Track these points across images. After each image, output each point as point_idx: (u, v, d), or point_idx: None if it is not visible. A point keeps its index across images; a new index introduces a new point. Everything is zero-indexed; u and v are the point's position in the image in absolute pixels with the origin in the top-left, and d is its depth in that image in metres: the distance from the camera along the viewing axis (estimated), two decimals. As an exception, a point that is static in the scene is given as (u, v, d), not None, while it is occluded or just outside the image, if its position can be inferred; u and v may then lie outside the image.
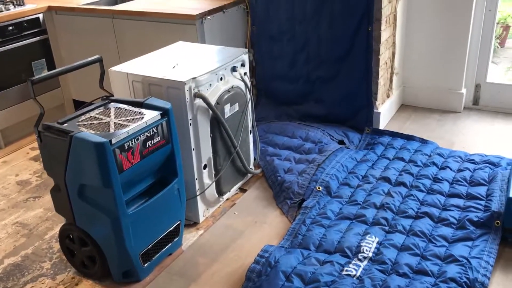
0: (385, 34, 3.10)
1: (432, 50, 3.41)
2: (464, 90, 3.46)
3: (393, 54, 3.34)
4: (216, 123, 2.38)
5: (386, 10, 3.03)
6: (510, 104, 3.40)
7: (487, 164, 2.69)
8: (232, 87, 2.47)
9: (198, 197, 2.41)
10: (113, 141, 1.79)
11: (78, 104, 3.69)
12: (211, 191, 2.51)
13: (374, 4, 2.91)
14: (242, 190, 2.73)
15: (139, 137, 1.89)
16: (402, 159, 2.82)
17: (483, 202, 2.36)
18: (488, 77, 3.44)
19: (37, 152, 3.33)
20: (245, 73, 2.56)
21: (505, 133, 3.15)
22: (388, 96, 3.41)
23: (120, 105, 2.08)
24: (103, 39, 3.43)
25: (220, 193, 2.57)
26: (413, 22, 3.39)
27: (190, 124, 2.23)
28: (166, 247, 2.18)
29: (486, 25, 3.28)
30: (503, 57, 5.26)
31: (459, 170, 2.67)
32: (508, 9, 6.18)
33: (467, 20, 3.22)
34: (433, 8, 3.29)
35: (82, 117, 1.99)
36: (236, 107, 2.51)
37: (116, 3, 3.72)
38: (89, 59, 2.12)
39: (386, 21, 3.07)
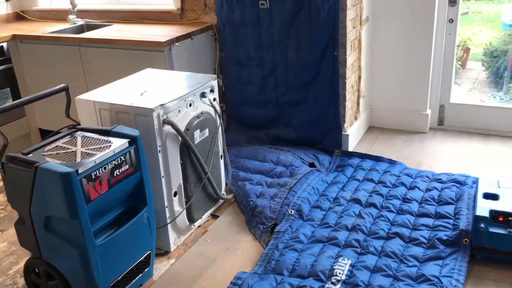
0: (350, 58, 3.17)
1: (396, 72, 3.50)
2: (429, 111, 3.55)
3: (359, 77, 3.41)
4: (186, 149, 2.36)
5: (351, 35, 3.11)
6: (473, 123, 3.51)
7: (454, 183, 2.75)
8: (202, 113, 2.47)
9: (169, 225, 2.37)
10: (80, 171, 1.75)
11: (45, 134, 3.62)
12: (182, 219, 2.47)
13: (339, 30, 2.98)
14: (214, 216, 2.70)
15: (106, 166, 1.85)
16: (372, 180, 2.86)
17: (451, 221, 2.40)
18: (452, 97, 3.55)
19: (1, 184, 3.23)
20: (214, 99, 2.56)
21: (470, 152, 3.24)
22: (355, 119, 3.47)
23: (87, 134, 2.05)
24: (69, 67, 3.39)
25: (192, 220, 2.54)
26: (377, 46, 3.49)
27: (159, 151, 2.21)
28: (137, 278, 2.13)
29: (447, 48, 3.40)
30: (465, 78, 5.45)
31: (427, 190, 2.72)
32: (467, 32, 6.45)
33: (428, 44, 3.33)
34: (396, 33, 3.39)
35: (48, 147, 1.94)
36: (206, 132, 2.51)
37: (83, 31, 3.70)
38: (55, 87, 2.09)
39: (351, 46, 3.15)
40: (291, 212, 2.56)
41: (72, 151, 1.89)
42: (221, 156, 2.72)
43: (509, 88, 4.57)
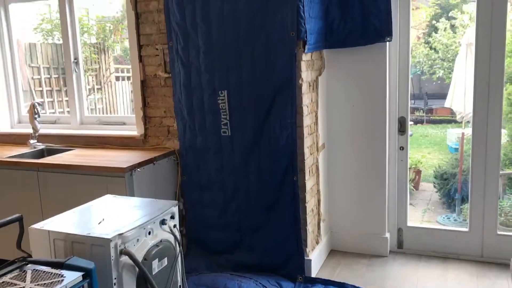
0: (309, 183, 3.26)
1: (354, 196, 3.60)
2: (387, 235, 3.60)
3: (319, 201, 3.48)
4: (143, 281, 2.25)
5: (309, 161, 3.24)
6: (430, 247, 3.56)
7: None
8: (161, 241, 2.40)
9: None
10: (27, 311, 1.62)
11: (-9, 262, 3.39)
12: None
13: (297, 156, 3.10)
14: None
15: (56, 303, 1.73)
16: (336, 309, 2.77)
17: None
18: (409, 220, 3.64)
19: None
20: (174, 226, 2.52)
21: (429, 276, 3.25)
22: (317, 242, 3.46)
23: (38, 267, 1.93)
24: (26, 193, 3.30)
25: None
26: (334, 171, 3.62)
27: (115, 284, 2.09)
28: None
29: (400, 173, 3.56)
30: (419, 199, 5.66)
31: (393, 318, 2.65)
32: (416, 155, 6.83)
33: (382, 169, 3.49)
34: (351, 158, 3.55)
35: (-7, 283, 1.81)
36: (165, 261, 2.42)
37: (43, 156, 3.68)
38: (8, 218, 2.02)
39: (309, 171, 3.25)
40: None
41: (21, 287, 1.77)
42: (180, 286, 2.60)
43: (461, 209, 4.75)
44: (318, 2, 3.17)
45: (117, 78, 7.93)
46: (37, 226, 2.23)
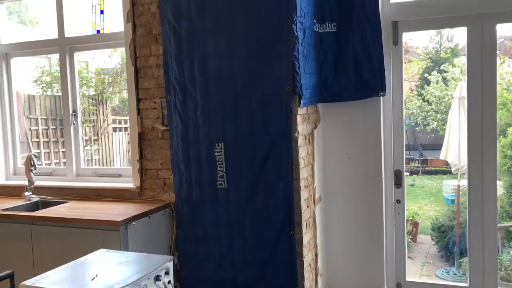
0: (306, 236, 3.22)
1: (351, 250, 3.55)
2: (387, 289, 3.53)
3: (316, 255, 3.43)
4: None
5: (306, 214, 3.22)
6: (431, 302, 3.49)
7: None
8: (155, 298, 2.34)
9: None
10: None
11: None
12: None
13: (294, 209, 3.08)
14: None
15: None
16: None
17: None
18: (407, 274, 3.57)
19: None
20: (169, 282, 2.46)
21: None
22: (315, 298, 3.38)
23: (27, 327, 1.87)
24: (18, 247, 3.23)
25: None
26: (331, 224, 3.59)
27: None
28: None
29: (398, 227, 3.53)
30: (417, 252, 5.58)
31: None
32: (413, 206, 6.81)
33: (380, 223, 3.46)
34: (348, 212, 3.53)
35: None
36: (159, 319, 2.35)
37: (37, 208, 3.64)
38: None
39: (306, 224, 3.23)
40: None
41: None
42: None
43: (460, 263, 4.69)
44: (312, 59, 3.26)
45: (114, 129, 8.00)
46: (28, 283, 2.17)
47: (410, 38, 13.11)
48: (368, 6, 3.25)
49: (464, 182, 4.89)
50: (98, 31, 3.95)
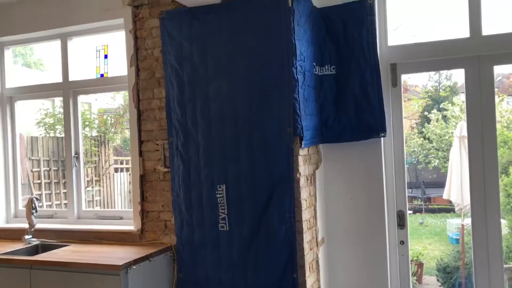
0: (310, 280, 3.17)
1: (356, 293, 3.49)
2: (393, 334, 3.43)
3: (320, 299, 3.36)
4: None
5: (308, 256, 3.17)
6: None
7: None
8: None
9: None
10: None
11: None
12: None
13: (296, 252, 3.04)
14: None
15: None
16: None
17: None
18: (413, 318, 3.49)
19: None
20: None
21: None
22: None
23: None
24: (16, 291, 3.19)
25: None
26: (334, 266, 3.53)
27: None
28: None
29: (402, 268, 3.48)
30: (423, 294, 5.46)
31: None
32: (417, 246, 6.72)
33: (383, 264, 3.40)
34: (351, 253, 3.48)
35: None
36: None
37: (37, 252, 3.60)
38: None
39: (309, 267, 3.18)
40: None
41: None
42: None
43: (467, 305, 4.58)
44: (313, 100, 3.30)
45: (116, 170, 8.01)
46: (26, 331, 2.13)
47: (409, 77, 13.30)
48: (366, 49, 3.31)
49: (468, 221, 4.84)
50: (102, 75, 4.03)
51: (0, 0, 3.99)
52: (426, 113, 12.05)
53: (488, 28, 3.24)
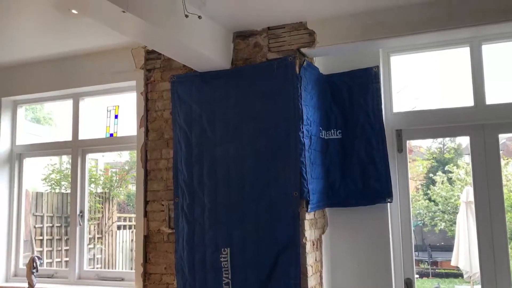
0: None
1: None
2: None
3: None
4: None
5: (314, 325, 3.07)
6: None
7: None
8: None
9: None
10: None
11: None
12: None
13: (302, 320, 2.95)
14: None
15: None
16: None
17: None
18: None
19: None
20: None
21: None
22: None
23: None
24: None
25: None
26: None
27: None
28: None
29: None
30: None
31: None
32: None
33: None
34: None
35: None
36: None
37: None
38: None
39: (315, 336, 3.07)
40: None
41: None
42: None
43: None
44: (319, 164, 3.32)
45: (119, 227, 7.92)
46: None
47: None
48: (372, 115, 3.37)
49: (477, 289, 4.71)
50: (111, 135, 4.09)
51: (16, 61, 4.13)
52: (431, 174, 12.02)
53: (492, 97, 3.30)
